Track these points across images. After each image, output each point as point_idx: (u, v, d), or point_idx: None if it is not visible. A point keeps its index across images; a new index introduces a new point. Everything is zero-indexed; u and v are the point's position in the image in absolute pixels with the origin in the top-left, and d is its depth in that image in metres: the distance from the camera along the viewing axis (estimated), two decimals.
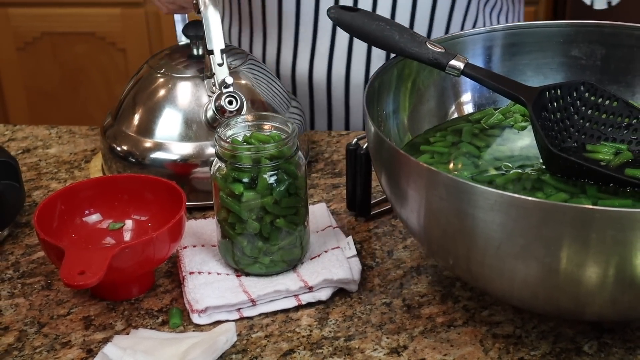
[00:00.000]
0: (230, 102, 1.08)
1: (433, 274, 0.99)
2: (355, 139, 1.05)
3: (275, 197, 0.94)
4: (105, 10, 2.52)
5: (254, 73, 1.17)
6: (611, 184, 0.89)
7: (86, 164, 1.22)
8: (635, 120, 0.95)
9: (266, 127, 0.98)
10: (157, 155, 1.11)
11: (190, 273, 0.97)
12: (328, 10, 0.98)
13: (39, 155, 1.25)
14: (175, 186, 0.99)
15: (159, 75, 1.15)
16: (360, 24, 0.96)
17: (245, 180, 0.93)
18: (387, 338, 0.91)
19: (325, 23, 1.31)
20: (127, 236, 1.02)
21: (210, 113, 1.10)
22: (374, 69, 1.30)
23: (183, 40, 1.21)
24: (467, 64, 0.94)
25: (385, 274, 1.00)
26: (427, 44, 0.95)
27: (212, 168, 0.96)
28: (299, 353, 0.89)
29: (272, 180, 0.93)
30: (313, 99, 1.37)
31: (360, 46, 1.31)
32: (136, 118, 1.14)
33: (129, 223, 1.02)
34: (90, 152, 1.25)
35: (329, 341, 0.91)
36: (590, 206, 0.75)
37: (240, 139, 0.97)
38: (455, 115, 1.05)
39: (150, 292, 0.98)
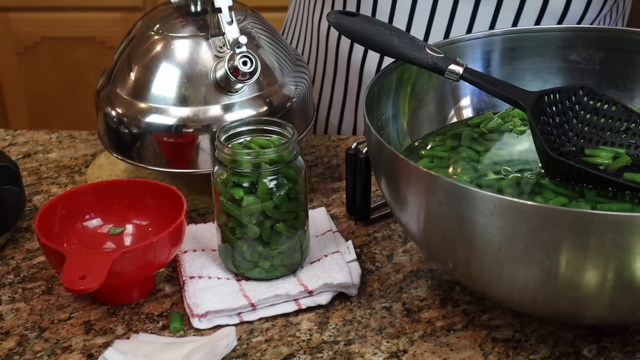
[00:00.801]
0: (244, 63, 1.03)
1: (432, 278, 1.00)
2: (355, 144, 1.05)
3: (275, 202, 0.94)
4: (105, 15, 2.52)
5: (257, 29, 1.11)
6: (610, 188, 0.90)
7: (86, 168, 1.22)
8: (633, 125, 0.95)
9: (266, 131, 0.98)
10: (154, 119, 1.07)
11: (191, 277, 0.97)
12: (327, 15, 0.99)
13: (39, 160, 1.25)
14: (176, 191, 0.99)
15: (153, 33, 1.10)
16: (360, 29, 0.97)
17: (246, 184, 0.94)
18: (387, 342, 0.91)
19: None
20: (127, 241, 1.02)
21: (220, 73, 1.05)
22: None
23: None
24: (466, 69, 0.94)
25: (384, 278, 1.00)
26: (426, 48, 0.95)
27: (212, 172, 0.96)
28: (299, 357, 0.89)
29: (272, 184, 0.94)
30: None
31: None
32: (131, 81, 1.09)
33: (129, 228, 1.03)
34: (90, 156, 1.25)
35: (329, 345, 0.91)
36: (589, 210, 0.75)
37: (240, 143, 0.97)
38: (455, 119, 1.05)
39: (150, 296, 0.98)
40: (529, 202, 0.76)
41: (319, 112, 1.43)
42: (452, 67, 0.94)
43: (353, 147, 1.05)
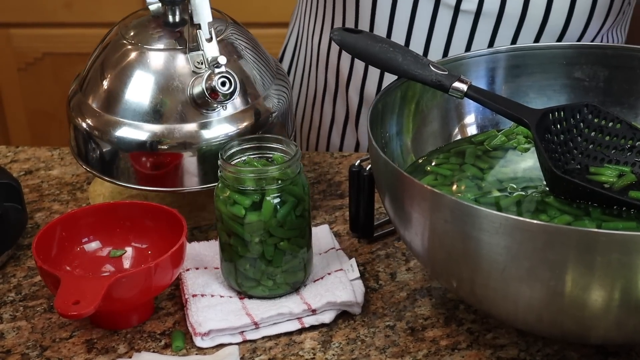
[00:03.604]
0: (223, 84, 0.98)
1: (437, 296, 0.99)
2: (358, 161, 1.05)
3: (278, 220, 0.93)
4: (106, 31, 2.52)
5: (238, 41, 1.07)
6: (615, 206, 0.89)
7: (88, 185, 1.22)
8: (638, 143, 0.95)
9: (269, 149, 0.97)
10: (126, 134, 1.03)
11: (193, 296, 0.97)
12: (331, 32, 0.99)
13: (41, 177, 1.24)
14: (176, 214, 0.98)
15: (128, 44, 1.06)
16: (364, 46, 0.96)
17: (249, 202, 0.93)
18: None
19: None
20: (127, 264, 1.01)
21: (197, 91, 1.01)
22: None
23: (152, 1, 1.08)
24: (470, 86, 0.94)
25: (388, 296, 0.99)
26: (431, 66, 0.95)
27: (215, 190, 0.96)
28: None
29: (275, 202, 0.93)
30: None
31: None
32: (103, 93, 1.06)
33: (129, 250, 1.01)
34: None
35: None
36: (596, 229, 0.75)
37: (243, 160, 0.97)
38: (459, 137, 1.05)
39: (152, 315, 0.97)
40: (535, 221, 0.76)
41: (321, 131, 1.43)
42: (457, 84, 0.94)
43: (356, 164, 1.05)
